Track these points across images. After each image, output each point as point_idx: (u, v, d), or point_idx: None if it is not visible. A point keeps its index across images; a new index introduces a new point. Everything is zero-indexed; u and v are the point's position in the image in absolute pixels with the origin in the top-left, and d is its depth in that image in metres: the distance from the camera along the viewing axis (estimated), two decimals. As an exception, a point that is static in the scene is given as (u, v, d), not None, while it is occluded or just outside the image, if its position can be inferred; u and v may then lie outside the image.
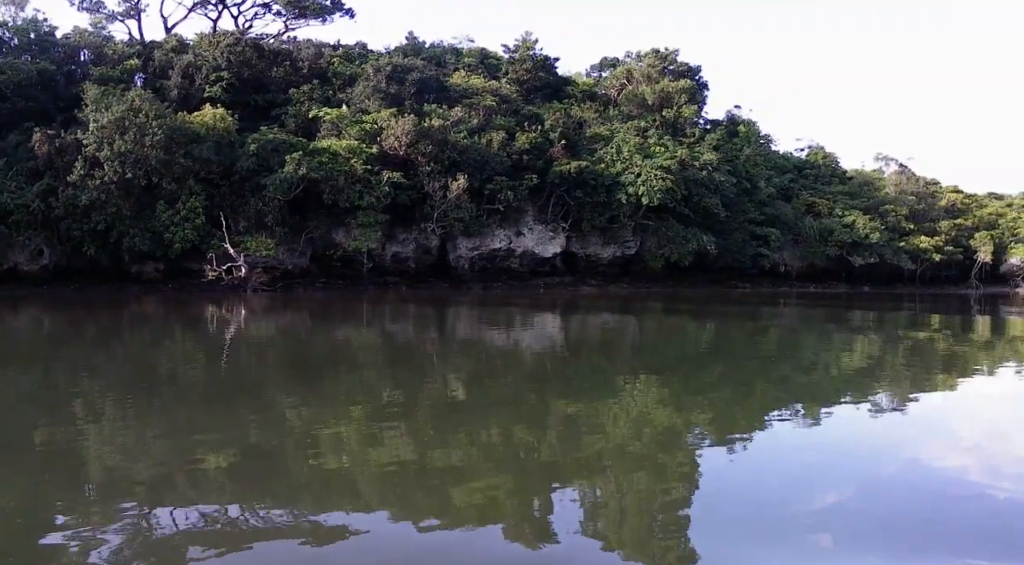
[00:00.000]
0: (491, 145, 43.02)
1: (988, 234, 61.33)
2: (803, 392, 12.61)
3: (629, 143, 45.54)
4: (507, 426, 9.24)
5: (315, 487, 6.75)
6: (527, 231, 45.09)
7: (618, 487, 7.05)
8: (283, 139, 42.16)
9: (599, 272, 47.95)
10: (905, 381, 13.76)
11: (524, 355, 17.06)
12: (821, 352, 18.95)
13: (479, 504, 6.39)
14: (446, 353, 17.52)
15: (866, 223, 53.23)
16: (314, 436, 8.58)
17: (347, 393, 11.60)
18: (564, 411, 10.28)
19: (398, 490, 6.69)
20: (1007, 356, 18.72)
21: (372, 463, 7.51)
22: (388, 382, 12.83)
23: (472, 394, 11.73)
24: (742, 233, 49.66)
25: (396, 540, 5.59)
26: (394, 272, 44.55)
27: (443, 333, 22.75)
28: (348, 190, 40.51)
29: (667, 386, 13.02)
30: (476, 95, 46.97)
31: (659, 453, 8.31)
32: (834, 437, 9.19)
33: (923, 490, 6.98)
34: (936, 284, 60.79)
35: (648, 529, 6.11)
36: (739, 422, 10.00)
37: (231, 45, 49.32)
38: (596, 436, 8.95)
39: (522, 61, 49.94)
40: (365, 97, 44.91)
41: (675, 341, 21.65)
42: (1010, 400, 12.32)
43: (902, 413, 10.83)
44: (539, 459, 8.01)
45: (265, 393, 11.58)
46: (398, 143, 41.63)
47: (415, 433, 8.78)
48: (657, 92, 48.99)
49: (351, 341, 19.96)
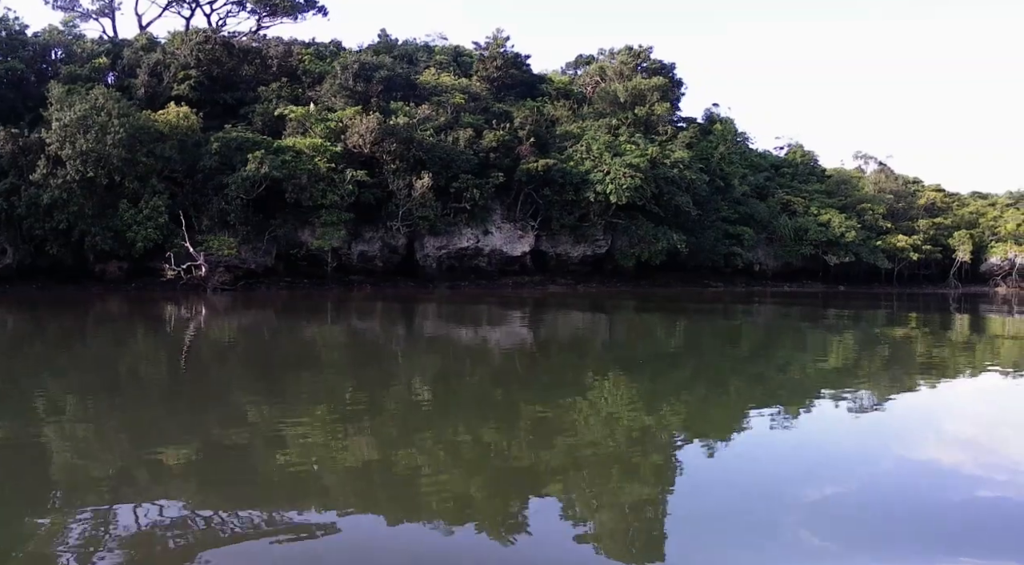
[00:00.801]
0: (457, 143, 42.79)
1: (967, 233, 60.91)
2: (780, 392, 12.48)
3: (599, 141, 45.28)
4: (474, 426, 9.14)
5: (284, 486, 6.69)
6: (495, 230, 44.84)
7: (593, 485, 6.95)
8: (246, 137, 41.98)
9: (570, 271, 47.68)
10: (881, 380, 13.65)
11: (488, 354, 16.91)
12: (795, 354, 18.70)
13: (449, 502, 6.31)
14: (406, 353, 17.31)
15: (842, 222, 52.88)
16: (279, 436, 8.48)
17: (309, 394, 11.44)
18: (532, 410, 10.14)
19: (367, 489, 6.65)
20: (980, 355, 18.59)
21: (339, 463, 7.45)
22: (347, 383, 12.74)
23: (437, 394, 11.53)
24: (715, 232, 49.33)
25: (368, 537, 5.56)
26: (361, 271, 44.35)
27: (400, 333, 22.58)
28: (311, 188, 40.35)
29: (638, 385, 12.82)
30: (445, 93, 46.74)
31: (634, 451, 8.19)
32: (814, 435, 9.16)
33: (909, 488, 6.94)
34: (914, 283, 60.39)
35: (625, 526, 6.00)
36: (714, 421, 9.90)
37: (201, 43, 49.16)
38: (566, 435, 8.81)
39: (492, 58, 49.67)
40: (331, 95, 44.74)
41: (641, 340, 21.40)
42: (988, 398, 12.26)
43: (881, 411, 10.78)
44: (509, 457, 7.90)
45: (227, 394, 11.48)
46: (362, 141, 41.44)
47: (382, 434, 8.69)
48: (629, 89, 48.71)
49: (309, 341, 19.81)
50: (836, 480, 7.15)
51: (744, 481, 7.09)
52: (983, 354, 18.58)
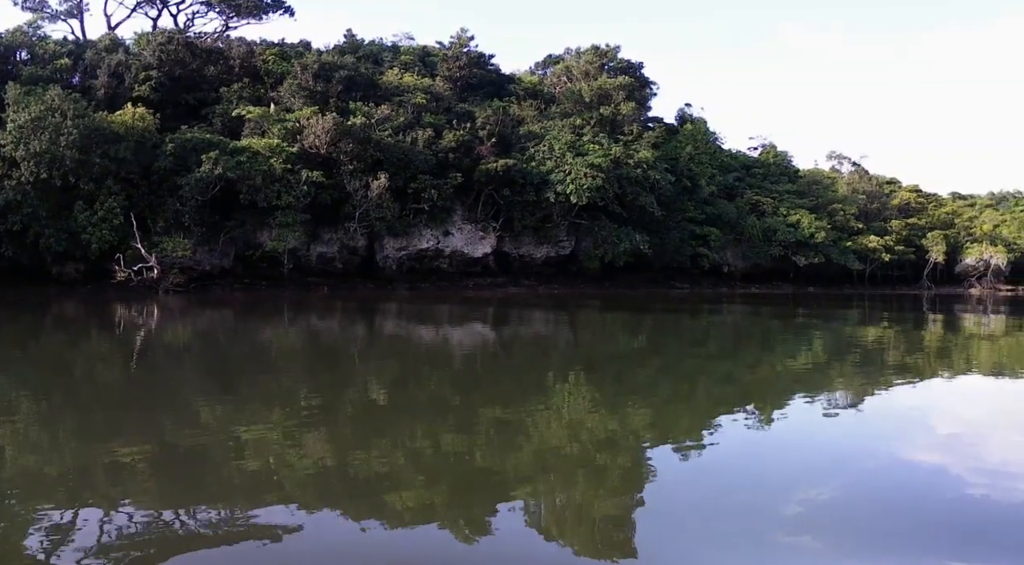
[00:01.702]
0: (416, 143, 42.60)
1: (941, 234, 60.59)
2: (750, 393, 12.31)
3: (560, 141, 45.05)
4: (433, 429, 9.00)
5: (244, 486, 6.63)
6: (455, 231, 44.63)
7: (560, 486, 6.88)
8: (202, 138, 41.82)
9: (534, 272, 47.46)
10: (854, 381, 13.47)
11: (438, 357, 16.65)
12: (764, 354, 18.37)
13: (412, 502, 6.28)
14: (347, 356, 16.88)
15: (811, 222, 52.56)
16: (236, 437, 8.40)
17: (263, 396, 11.25)
18: (492, 413, 10.00)
19: (327, 490, 6.60)
20: (955, 355, 18.44)
21: (298, 464, 7.38)
22: (296, 386, 12.35)
23: (392, 398, 11.32)
24: (680, 232, 49.03)
25: (333, 536, 5.53)
26: (320, 273, 44.15)
27: (344, 336, 22.16)
28: (266, 189, 40.18)
29: (598, 388, 12.57)
30: (407, 93, 46.54)
31: (604, 451, 8.08)
32: (791, 435, 9.05)
33: (889, 488, 6.84)
34: (887, 284, 60.08)
35: (594, 524, 5.94)
36: (682, 423, 9.76)
37: (163, 44, 49.06)
38: (530, 437, 8.71)
39: (455, 58, 49.46)
40: (290, 95, 44.55)
41: (589, 347, 20.73)
42: (967, 398, 12.18)
43: (858, 412, 10.59)
44: (472, 458, 7.82)
45: (178, 396, 11.32)
46: (319, 142, 41.24)
47: (340, 436, 8.62)
48: (594, 89, 48.44)
49: (257, 344, 19.60)
50: (817, 479, 7.06)
51: (723, 481, 7.00)
52: (958, 355, 18.42)
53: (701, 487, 6.79)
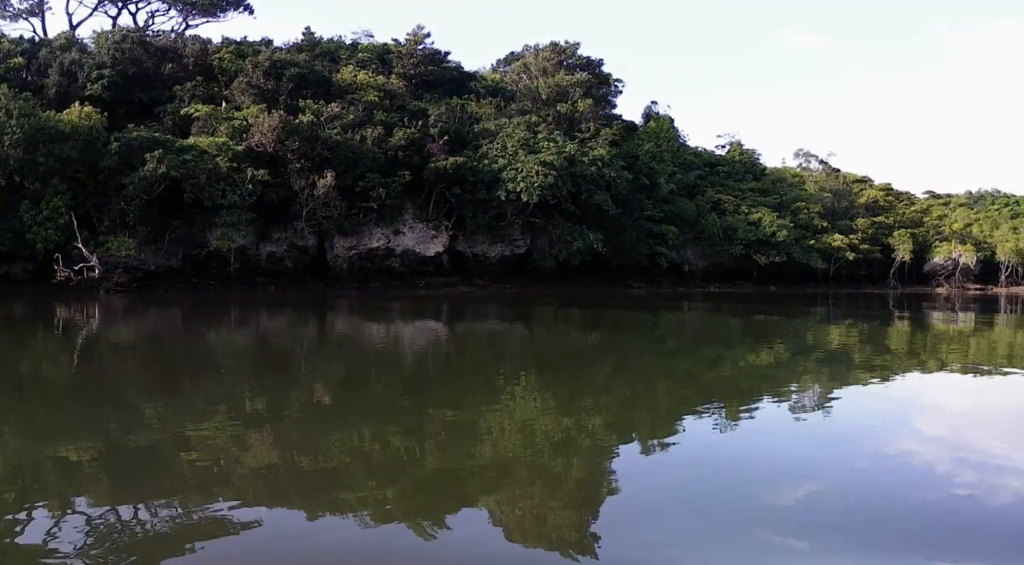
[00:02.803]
0: (365, 141, 42.45)
1: (907, 232, 60.31)
2: (714, 395, 12.11)
3: (513, 138, 44.87)
4: (381, 431, 8.93)
5: (195, 484, 6.67)
6: (407, 230, 44.53)
7: (517, 484, 6.82)
8: (148, 137, 41.74)
9: (488, 272, 47.30)
10: (824, 381, 13.37)
11: (385, 358, 16.31)
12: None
13: (367, 499, 6.30)
14: (289, 357, 16.72)
15: (773, 220, 52.30)
16: (183, 437, 8.38)
17: (206, 396, 11.13)
18: (442, 413, 9.91)
19: (279, 488, 6.61)
20: (896, 356, 18.23)
21: (247, 463, 7.39)
22: (234, 386, 12.26)
23: (338, 400, 11.19)
24: (637, 231, 48.81)
25: (291, 531, 5.57)
26: (270, 272, 44.06)
27: (278, 336, 21.98)
28: (210, 188, 40.07)
29: (552, 389, 12.42)
30: (360, 90, 46.39)
31: (565, 452, 8.02)
32: (761, 436, 8.99)
33: (866, 489, 6.80)
34: (853, 284, 59.78)
35: (551, 520, 5.91)
36: (640, 424, 9.65)
37: (117, 42, 49.01)
38: (484, 436, 8.67)
39: (409, 55, 49.33)
40: (240, 93, 44.44)
41: (533, 350, 20.01)
42: (943, 396, 12.11)
43: (824, 413, 10.50)
44: (425, 458, 7.77)
45: (124, 396, 11.22)
46: (265, 140, 41.15)
47: (287, 437, 8.53)
48: (551, 86, 48.26)
49: (197, 344, 19.44)
50: (794, 479, 7.01)
51: (695, 483, 6.95)
52: (907, 356, 18.25)
53: (679, 487, 6.76)
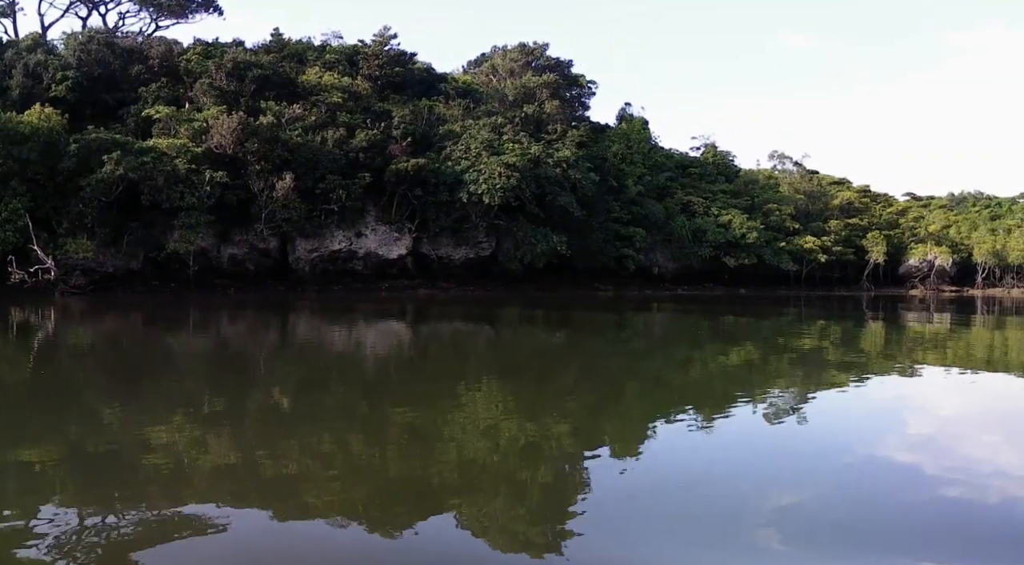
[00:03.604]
0: (326, 143, 42.45)
1: (881, 234, 60.16)
2: (688, 399, 11.99)
3: (476, 140, 44.84)
4: (344, 434, 8.91)
5: (160, 487, 6.63)
6: (369, 232, 44.53)
7: (483, 488, 6.82)
8: (107, 138, 41.76)
9: (453, 274, 47.27)
10: (798, 382, 13.26)
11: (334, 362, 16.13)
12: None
13: (332, 502, 6.30)
14: (237, 360, 16.56)
15: (743, 222, 52.18)
16: (144, 440, 8.30)
17: (166, 400, 10.98)
18: (403, 416, 9.90)
19: (244, 491, 6.61)
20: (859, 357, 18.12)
21: (209, 467, 7.39)
22: (193, 390, 12.14)
23: (298, 403, 11.10)
24: (604, 233, 48.76)
25: (259, 533, 5.61)
26: (232, 275, 44.06)
27: (223, 339, 21.76)
28: (168, 190, 40.07)
29: (515, 393, 12.28)
30: (324, 92, 46.41)
31: (536, 454, 8.01)
32: (729, 437, 8.92)
33: (850, 491, 6.78)
34: (827, 286, 59.57)
35: (519, 522, 5.94)
36: (611, 428, 9.57)
37: (84, 43, 49.08)
38: (443, 439, 8.68)
39: (375, 56, 49.31)
40: (202, 94, 44.47)
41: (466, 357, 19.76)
42: (923, 398, 12.00)
43: (800, 416, 10.38)
44: (387, 462, 7.76)
45: (82, 400, 11.11)
46: (224, 141, 41.15)
47: (248, 440, 8.49)
48: (518, 87, 48.22)
49: (152, 347, 19.26)
50: (778, 482, 6.97)
51: (678, 484, 6.90)
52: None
53: (655, 491, 6.68)
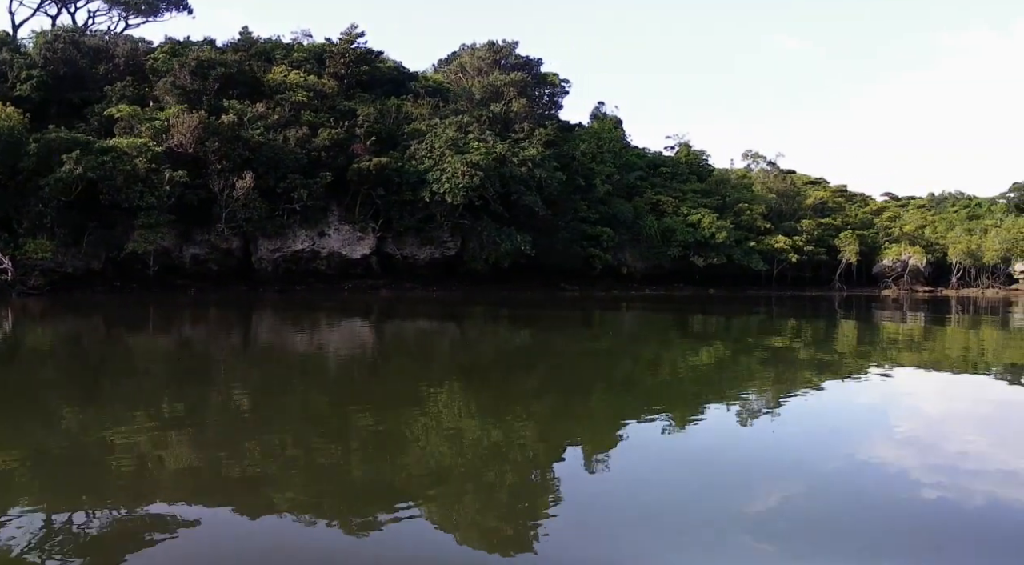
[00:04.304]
0: (288, 142, 42.50)
1: (853, 234, 60.21)
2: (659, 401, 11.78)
3: (441, 139, 44.91)
4: (306, 435, 8.84)
5: (128, 488, 6.65)
6: (332, 231, 44.63)
7: (452, 488, 6.82)
8: (68, 137, 41.81)
9: (419, 275, 47.34)
10: (770, 384, 13.19)
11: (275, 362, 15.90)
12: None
13: (301, 502, 6.35)
14: (182, 360, 16.31)
15: (712, 222, 52.21)
16: (107, 441, 8.26)
17: (124, 401, 10.89)
18: (366, 418, 9.85)
19: (211, 492, 6.60)
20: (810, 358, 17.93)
21: (174, 468, 7.43)
22: (154, 391, 11.96)
23: (260, 404, 11.03)
24: (570, 232, 48.79)
25: (230, 531, 5.65)
26: (195, 275, 44.16)
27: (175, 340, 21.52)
28: (127, 190, 40.11)
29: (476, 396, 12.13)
30: (289, 90, 46.47)
31: (506, 455, 7.99)
32: (701, 438, 8.88)
33: (834, 491, 6.74)
34: (799, 286, 59.58)
35: (489, 521, 5.96)
36: (582, 428, 9.50)
37: (50, 42, 49.12)
38: (405, 441, 8.66)
39: (341, 55, 49.34)
40: (165, 93, 44.53)
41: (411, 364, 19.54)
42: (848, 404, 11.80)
43: (774, 416, 10.27)
44: (354, 463, 7.75)
45: (41, 401, 11.07)
46: (185, 140, 41.20)
47: (214, 443, 8.42)
48: (485, 86, 48.28)
49: (107, 348, 19.02)
50: (759, 480, 6.97)
51: (658, 484, 6.88)
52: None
53: (632, 491, 6.64)
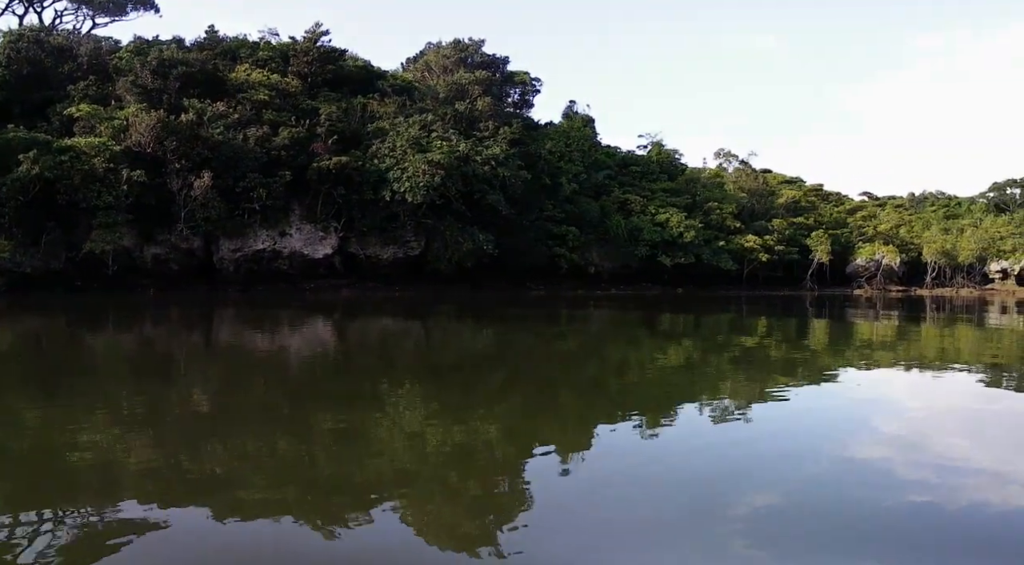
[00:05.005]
0: (248, 141, 42.56)
1: (825, 233, 60.18)
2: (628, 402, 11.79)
3: (403, 137, 45.00)
4: (269, 436, 8.83)
5: (91, 489, 6.66)
6: (294, 231, 44.73)
7: (421, 489, 6.86)
8: (25, 137, 41.88)
9: (383, 274, 47.40)
10: (742, 386, 13.19)
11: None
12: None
13: (266, 500, 6.40)
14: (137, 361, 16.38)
15: (680, 221, 52.27)
16: (71, 443, 8.26)
17: (86, 403, 10.86)
18: (328, 420, 9.84)
19: (177, 492, 6.65)
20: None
21: (137, 468, 7.39)
22: (113, 392, 12.01)
23: (221, 405, 11.09)
24: (535, 232, 48.85)
25: (196, 533, 5.68)
26: (156, 275, 44.24)
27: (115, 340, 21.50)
28: (84, 189, 40.17)
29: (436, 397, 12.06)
30: (251, 89, 46.56)
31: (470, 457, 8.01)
32: (672, 439, 8.90)
33: (817, 493, 6.78)
34: (771, 285, 59.57)
35: (459, 520, 6.00)
36: (549, 430, 9.52)
37: (14, 41, 49.24)
38: (364, 442, 8.69)
39: (304, 53, 49.44)
40: (125, 92, 44.62)
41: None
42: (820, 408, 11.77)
43: (746, 418, 10.24)
44: (319, 463, 7.80)
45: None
46: (143, 140, 41.28)
47: (176, 443, 8.44)
48: (450, 84, 48.38)
49: (67, 349, 19.01)
50: (738, 481, 7.01)
51: (635, 484, 6.89)
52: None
53: (596, 491, 6.70)
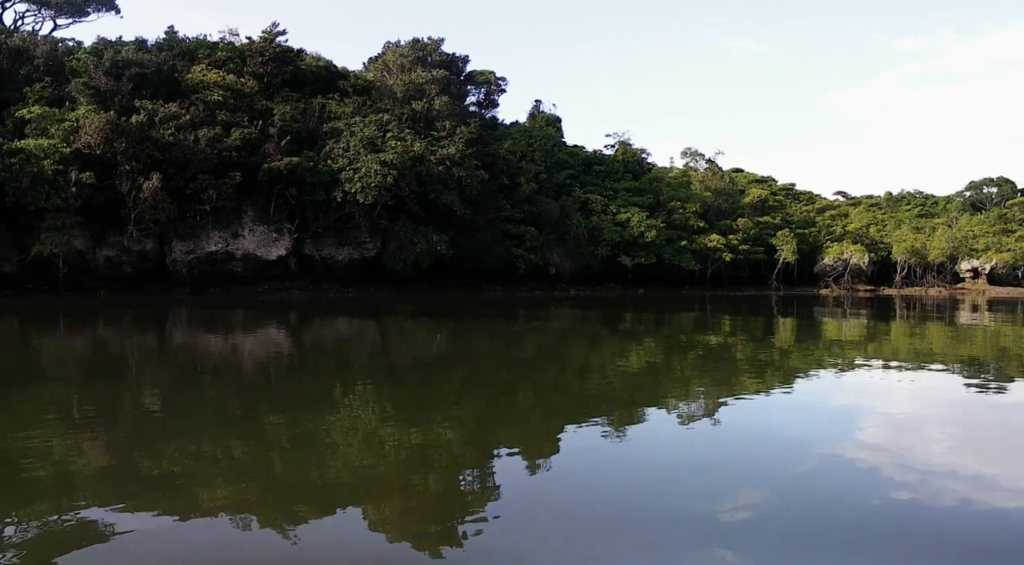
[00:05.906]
0: (199, 142, 42.75)
1: (791, 232, 60.21)
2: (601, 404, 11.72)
3: (356, 137, 45.18)
4: (227, 439, 8.92)
5: (48, 494, 6.67)
6: (247, 232, 44.94)
7: (383, 487, 6.94)
8: (-26, 139, 42.01)
9: (339, 276, 47.61)
10: (708, 389, 13.20)
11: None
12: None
13: (228, 504, 6.42)
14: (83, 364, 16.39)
15: (642, 220, 52.35)
16: (23, 447, 8.25)
17: (36, 407, 10.90)
18: (284, 424, 9.85)
19: (137, 495, 6.66)
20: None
21: (91, 471, 7.45)
22: (62, 395, 12.01)
23: (177, 408, 11.07)
24: (492, 232, 48.97)
25: (159, 536, 5.73)
26: (110, 277, 44.48)
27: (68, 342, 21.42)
28: (33, 191, 40.37)
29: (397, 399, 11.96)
30: (206, 90, 46.75)
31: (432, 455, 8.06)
32: (641, 441, 8.91)
33: (799, 495, 6.82)
34: (736, 285, 59.63)
35: (427, 521, 6.05)
36: (511, 433, 9.52)
37: (-30, 43, 49.43)
38: (325, 446, 8.66)
39: (259, 53, 49.65)
40: (78, 93, 44.84)
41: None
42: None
43: (714, 419, 10.28)
44: (276, 466, 7.83)
45: None
46: (93, 141, 41.47)
47: (132, 446, 8.46)
48: (407, 83, 48.54)
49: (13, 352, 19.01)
50: (716, 482, 7.07)
51: (612, 486, 6.94)
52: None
53: (562, 493, 6.68)
